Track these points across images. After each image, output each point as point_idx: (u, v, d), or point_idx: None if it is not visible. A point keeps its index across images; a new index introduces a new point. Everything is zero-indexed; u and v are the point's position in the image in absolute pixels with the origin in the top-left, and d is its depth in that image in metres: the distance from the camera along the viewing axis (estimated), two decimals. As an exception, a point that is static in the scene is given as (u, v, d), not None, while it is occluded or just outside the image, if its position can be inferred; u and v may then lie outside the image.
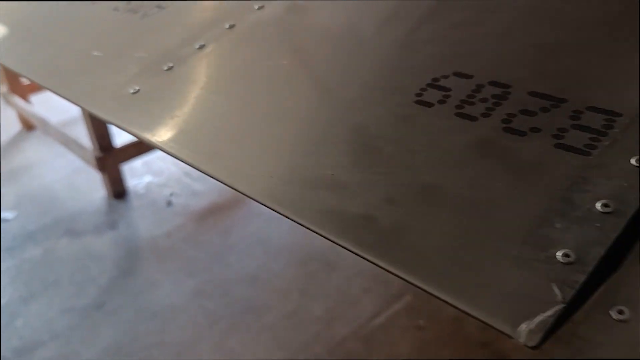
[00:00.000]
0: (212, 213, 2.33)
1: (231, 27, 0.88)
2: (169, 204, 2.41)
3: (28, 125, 3.10)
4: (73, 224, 2.34)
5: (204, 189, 2.49)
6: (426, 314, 1.78)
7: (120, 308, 1.89)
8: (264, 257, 2.06)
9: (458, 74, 0.65)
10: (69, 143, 2.49)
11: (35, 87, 3.09)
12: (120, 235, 2.24)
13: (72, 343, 1.76)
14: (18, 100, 2.96)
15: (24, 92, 3.03)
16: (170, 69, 0.83)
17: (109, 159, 2.35)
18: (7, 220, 2.39)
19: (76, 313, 1.89)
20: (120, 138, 2.62)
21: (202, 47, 0.85)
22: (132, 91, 0.80)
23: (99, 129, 2.29)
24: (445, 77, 0.66)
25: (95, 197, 2.50)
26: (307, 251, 2.07)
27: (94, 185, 2.58)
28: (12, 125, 3.20)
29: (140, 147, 2.43)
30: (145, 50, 0.88)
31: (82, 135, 2.87)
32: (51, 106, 3.28)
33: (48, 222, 2.37)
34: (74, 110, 3.27)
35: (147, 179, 2.60)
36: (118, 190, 2.46)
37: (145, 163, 2.68)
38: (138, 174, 2.62)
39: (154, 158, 2.70)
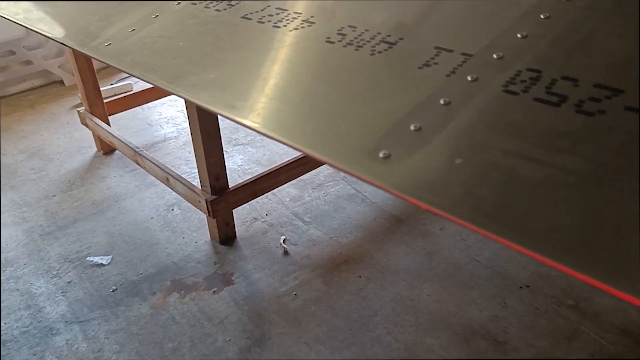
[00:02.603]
0: (339, 267, 2.04)
1: None
2: (286, 253, 2.13)
3: (105, 148, 2.82)
4: (180, 274, 2.06)
5: (321, 235, 2.20)
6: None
7: (261, 391, 1.60)
8: (416, 328, 1.78)
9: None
10: (169, 179, 2.21)
11: (115, 108, 2.82)
12: (238, 292, 1.96)
13: None
14: (97, 121, 2.69)
15: (103, 112, 2.75)
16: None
17: (222, 203, 2.06)
18: (102, 266, 2.12)
19: (208, 395, 1.60)
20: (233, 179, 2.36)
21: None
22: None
23: (214, 168, 2.01)
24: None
25: (199, 240, 2.22)
26: (465, 323, 1.78)
27: (194, 225, 2.30)
28: (87, 147, 2.93)
29: (255, 189, 2.15)
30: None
31: (169, 164, 2.61)
32: (122, 126, 3.02)
33: (150, 270, 2.09)
34: (151, 135, 3.00)
35: (255, 220, 2.32)
36: (226, 235, 2.18)
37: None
38: (243, 214, 2.33)
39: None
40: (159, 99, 3.08)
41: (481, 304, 1.85)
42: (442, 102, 0.66)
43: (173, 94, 0.77)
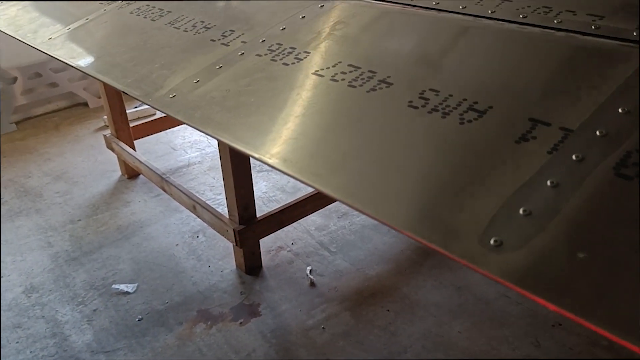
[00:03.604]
0: (367, 300, 2.02)
1: None
2: (312, 284, 2.11)
3: (130, 172, 2.83)
4: (206, 304, 2.04)
5: (347, 266, 2.18)
6: None
7: None
8: (447, 367, 1.74)
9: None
10: (197, 207, 2.20)
11: (141, 132, 2.83)
12: (265, 324, 1.94)
13: None
14: (123, 146, 2.70)
15: (129, 137, 2.77)
16: None
17: (249, 233, 2.05)
18: (127, 294, 2.10)
19: None
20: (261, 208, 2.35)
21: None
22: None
23: (243, 198, 2.00)
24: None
25: (224, 269, 2.21)
26: (498, 362, 1.74)
27: (219, 253, 2.29)
28: (111, 171, 2.94)
29: (282, 219, 2.13)
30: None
31: (193, 189, 2.60)
32: (146, 150, 3.03)
33: (176, 299, 2.07)
34: (175, 159, 3.01)
35: (280, 249, 2.30)
36: (252, 265, 2.16)
37: (275, 230, 2.38)
38: (269, 242, 2.32)
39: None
40: (184, 123, 3.09)
41: (513, 343, 1.81)
42: (549, 183, 0.62)
43: (253, 157, 0.75)
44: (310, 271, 2.16)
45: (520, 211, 0.59)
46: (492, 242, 0.58)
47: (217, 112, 0.87)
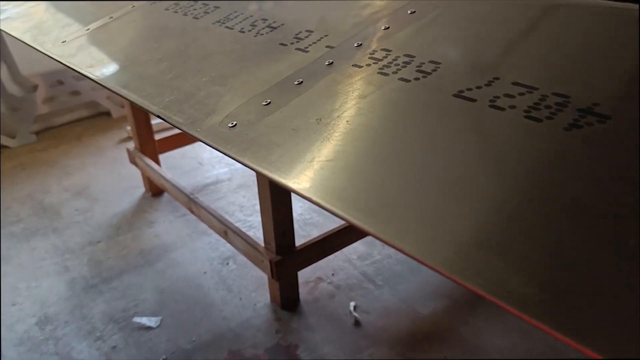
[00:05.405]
0: (420, 344, 1.77)
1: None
2: (357, 322, 1.86)
3: (154, 189, 2.62)
4: (237, 343, 1.81)
5: (396, 302, 1.94)
6: None
7: None
8: None
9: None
10: (228, 233, 1.98)
11: (166, 146, 2.63)
12: (305, 370, 1.70)
13: None
14: (148, 161, 2.49)
15: (154, 151, 2.56)
16: None
17: (288, 264, 1.82)
18: (150, 329, 1.88)
19: None
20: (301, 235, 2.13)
21: None
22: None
23: (281, 224, 1.77)
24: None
25: (258, 302, 1.98)
26: None
27: (252, 284, 2.06)
28: (134, 187, 2.74)
29: (324, 247, 1.90)
30: None
31: (222, 209, 2.40)
32: (172, 165, 2.83)
33: (204, 337, 1.85)
34: (202, 176, 2.80)
35: (320, 280, 2.06)
36: (289, 298, 1.93)
37: (313, 258, 2.15)
38: (307, 272, 2.08)
39: (325, 253, 2.17)
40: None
41: (597, 403, 1.54)
42: None
43: (357, 226, 0.49)
44: (355, 307, 1.92)
45: None
46: None
47: (308, 155, 0.59)
